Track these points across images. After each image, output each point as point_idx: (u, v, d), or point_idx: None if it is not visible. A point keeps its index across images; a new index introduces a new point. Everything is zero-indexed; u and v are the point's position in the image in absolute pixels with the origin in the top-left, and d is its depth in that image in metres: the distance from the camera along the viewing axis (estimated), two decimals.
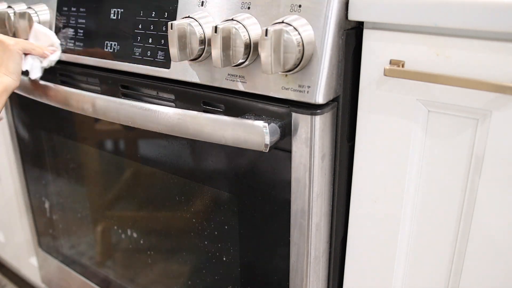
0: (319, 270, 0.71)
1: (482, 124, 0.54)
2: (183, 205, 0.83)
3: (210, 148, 0.73)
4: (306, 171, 0.63)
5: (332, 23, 0.57)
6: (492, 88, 0.50)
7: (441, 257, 0.63)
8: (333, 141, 0.65)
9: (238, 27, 0.59)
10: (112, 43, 0.79)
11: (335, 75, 0.60)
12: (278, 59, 0.56)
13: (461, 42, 0.52)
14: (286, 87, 0.60)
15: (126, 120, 0.74)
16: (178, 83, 0.73)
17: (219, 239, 0.79)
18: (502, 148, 0.53)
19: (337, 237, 0.72)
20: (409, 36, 0.56)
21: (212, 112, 0.69)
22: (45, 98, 0.87)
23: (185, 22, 0.63)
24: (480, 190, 0.56)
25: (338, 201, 0.69)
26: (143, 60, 0.75)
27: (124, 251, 1.01)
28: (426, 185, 0.61)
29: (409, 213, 0.63)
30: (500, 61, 0.51)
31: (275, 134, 0.60)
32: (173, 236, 0.88)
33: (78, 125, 0.96)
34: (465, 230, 0.59)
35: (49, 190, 1.12)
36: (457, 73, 0.53)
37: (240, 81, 0.65)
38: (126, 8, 0.77)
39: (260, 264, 0.75)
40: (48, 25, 0.89)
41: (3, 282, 1.53)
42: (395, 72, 0.56)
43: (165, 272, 0.94)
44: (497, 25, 0.49)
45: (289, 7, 0.59)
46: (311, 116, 0.60)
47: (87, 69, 0.86)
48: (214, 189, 0.76)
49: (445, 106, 0.56)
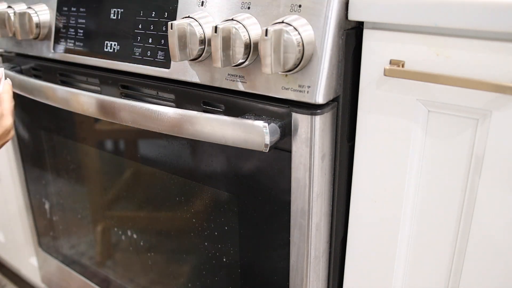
0: (319, 270, 0.71)
1: (482, 124, 0.54)
2: (183, 205, 0.83)
3: (210, 148, 0.73)
4: (306, 171, 0.63)
5: (332, 23, 0.57)
6: (492, 88, 0.50)
7: (441, 257, 0.63)
8: (333, 141, 0.65)
9: (238, 27, 0.59)
10: (112, 43, 0.79)
11: (335, 75, 0.60)
12: (278, 59, 0.56)
13: (461, 42, 0.52)
14: (286, 87, 0.60)
15: (126, 120, 0.74)
16: (178, 83, 0.73)
17: (219, 239, 0.79)
18: (502, 148, 0.53)
19: (337, 237, 0.72)
20: (409, 36, 0.56)
21: (212, 112, 0.69)
22: (45, 98, 0.87)
23: (185, 22, 0.63)
24: (480, 190, 0.56)
25: (338, 201, 0.69)
26: (143, 60, 0.75)
27: (124, 251, 1.01)
28: (426, 185, 0.61)
29: (409, 213, 0.63)
30: (500, 61, 0.51)
31: (275, 134, 0.60)
32: (173, 236, 0.88)
33: (78, 125, 0.96)
34: (465, 230, 0.59)
35: (49, 190, 1.12)
36: (457, 73, 0.53)
37: (240, 81, 0.65)
38: (126, 8, 0.77)
39: (260, 264, 0.75)
40: (48, 25, 0.90)
41: (3, 282, 1.53)
42: (395, 72, 0.56)
43: (165, 272, 0.94)
44: (497, 25, 0.49)
45: (289, 7, 0.59)
46: (311, 116, 0.60)
47: (87, 69, 0.86)
48: (214, 189, 0.76)
49: (445, 106, 0.56)
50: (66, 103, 0.83)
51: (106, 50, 0.80)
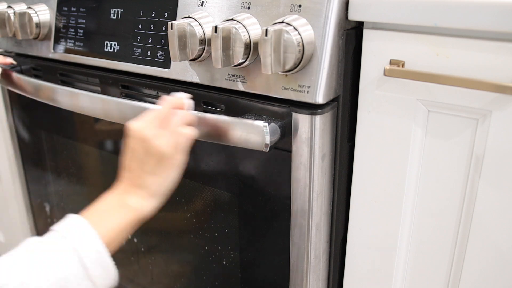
0: (319, 270, 0.71)
1: (482, 124, 0.54)
2: (183, 205, 0.83)
3: (210, 148, 0.73)
4: (306, 171, 0.63)
5: (332, 23, 0.57)
6: (492, 88, 0.50)
7: (441, 257, 0.63)
8: (333, 141, 0.65)
9: (238, 27, 0.59)
10: (112, 43, 0.79)
11: (335, 75, 0.60)
12: (278, 59, 0.56)
13: (461, 42, 0.52)
14: (286, 87, 0.60)
15: (126, 120, 0.74)
16: (178, 83, 0.73)
17: (219, 239, 0.79)
18: (502, 148, 0.53)
19: (337, 237, 0.71)
20: (409, 36, 0.56)
21: (212, 112, 0.69)
22: (45, 98, 0.87)
23: (185, 22, 0.63)
24: (480, 190, 0.56)
25: (338, 201, 0.69)
26: (143, 60, 0.75)
27: (124, 251, 1.01)
28: (426, 185, 0.61)
29: (409, 213, 0.63)
30: (500, 61, 0.51)
31: (275, 134, 0.60)
32: (173, 236, 0.88)
33: (78, 125, 0.96)
34: (465, 230, 0.59)
35: (49, 190, 1.12)
36: (457, 73, 0.53)
37: (240, 81, 0.65)
38: (126, 8, 0.77)
39: (260, 263, 0.75)
40: (48, 25, 0.89)
41: None
42: (395, 72, 0.56)
43: (165, 272, 0.94)
44: (497, 25, 0.49)
45: (289, 7, 0.59)
46: (311, 116, 0.60)
47: (87, 69, 0.86)
48: (214, 189, 0.76)
49: (445, 106, 0.56)
50: (66, 103, 0.83)
51: (106, 50, 0.80)
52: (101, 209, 0.55)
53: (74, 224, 0.52)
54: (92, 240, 0.51)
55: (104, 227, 0.53)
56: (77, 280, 0.49)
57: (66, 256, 0.49)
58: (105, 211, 0.55)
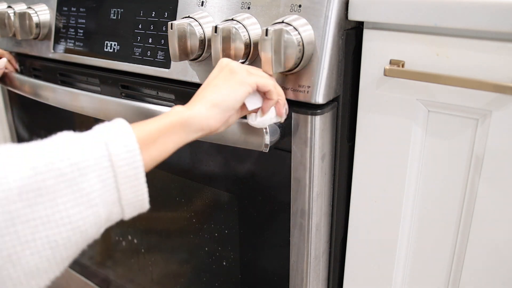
0: (319, 270, 0.71)
1: (482, 124, 0.54)
2: (183, 205, 0.83)
3: (210, 148, 0.73)
4: (306, 171, 0.63)
5: (332, 23, 0.57)
6: (492, 88, 0.50)
7: (441, 256, 0.63)
8: (333, 141, 0.65)
9: (238, 27, 0.59)
10: (112, 43, 0.79)
11: (335, 75, 0.60)
12: (279, 59, 0.56)
13: (461, 42, 0.52)
14: (286, 87, 0.60)
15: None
16: (178, 83, 0.73)
17: (219, 239, 0.79)
18: (502, 148, 0.53)
19: (337, 237, 0.71)
20: (409, 36, 0.56)
21: None
22: (45, 98, 0.87)
23: (185, 22, 0.63)
24: (480, 190, 0.56)
25: (338, 201, 0.69)
26: (143, 60, 0.75)
27: (124, 251, 1.01)
28: (426, 185, 0.61)
29: (409, 213, 0.63)
30: (500, 61, 0.51)
31: (275, 134, 0.60)
32: (173, 236, 0.88)
33: (78, 125, 0.96)
34: (465, 230, 0.59)
35: None
36: (457, 73, 0.53)
37: None
38: (126, 8, 0.77)
39: (260, 263, 0.75)
40: (48, 25, 0.90)
41: None
42: (395, 72, 0.56)
43: (165, 272, 0.94)
44: (497, 25, 0.49)
45: (289, 7, 0.59)
46: (311, 116, 0.60)
47: (87, 69, 0.86)
48: (214, 189, 0.76)
49: (445, 106, 0.56)
50: (66, 103, 0.83)
51: (106, 50, 0.80)
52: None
53: (113, 122, 0.50)
54: (125, 135, 0.49)
55: (142, 130, 0.51)
56: (98, 166, 0.47)
57: (95, 144, 0.46)
58: (151, 120, 0.53)
